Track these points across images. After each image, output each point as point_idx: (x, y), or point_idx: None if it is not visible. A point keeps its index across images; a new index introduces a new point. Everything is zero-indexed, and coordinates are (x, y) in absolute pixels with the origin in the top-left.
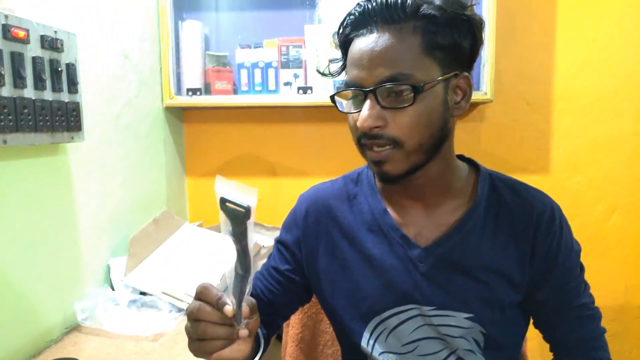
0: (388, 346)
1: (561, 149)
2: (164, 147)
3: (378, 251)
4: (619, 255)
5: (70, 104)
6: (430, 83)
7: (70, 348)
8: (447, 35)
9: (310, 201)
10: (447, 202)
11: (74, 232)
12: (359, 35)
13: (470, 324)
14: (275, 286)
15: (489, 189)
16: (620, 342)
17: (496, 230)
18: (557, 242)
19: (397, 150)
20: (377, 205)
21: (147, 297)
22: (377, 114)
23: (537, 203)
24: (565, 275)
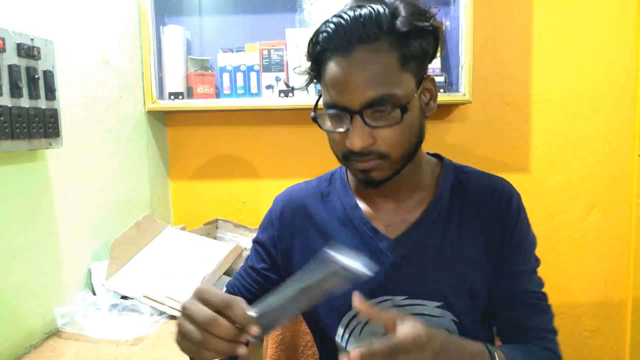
0: (362, 340)
1: (540, 148)
2: (147, 151)
3: (350, 245)
4: (598, 252)
5: (47, 111)
6: (413, 99)
7: (50, 353)
8: (418, 46)
9: (285, 201)
10: (415, 195)
11: (54, 237)
12: (336, 54)
13: (442, 312)
14: (253, 285)
15: (453, 180)
16: (602, 338)
17: (462, 218)
18: (512, 225)
19: (383, 161)
20: (349, 201)
21: (128, 301)
22: (367, 133)
23: (497, 187)
24: (517, 260)
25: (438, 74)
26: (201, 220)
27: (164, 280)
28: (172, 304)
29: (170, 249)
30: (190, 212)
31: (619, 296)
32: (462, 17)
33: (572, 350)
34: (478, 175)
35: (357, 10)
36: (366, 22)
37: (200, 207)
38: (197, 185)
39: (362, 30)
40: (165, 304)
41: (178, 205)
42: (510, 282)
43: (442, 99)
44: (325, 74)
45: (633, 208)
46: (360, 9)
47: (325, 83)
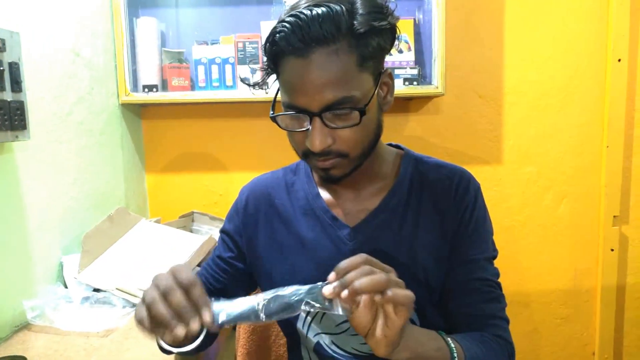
0: (323, 327)
1: (512, 140)
2: (121, 143)
3: (312, 233)
4: (568, 242)
5: (13, 103)
6: (371, 99)
7: (19, 346)
8: (376, 44)
9: (250, 191)
10: (375, 185)
11: (23, 230)
12: (293, 55)
13: None
14: (221, 274)
15: (412, 170)
16: (573, 324)
17: (420, 207)
18: (469, 213)
19: (343, 159)
20: (311, 190)
21: (100, 293)
22: (326, 134)
23: (455, 176)
24: (472, 248)
25: (412, 67)
26: (178, 212)
27: (137, 273)
28: None
29: (143, 241)
30: (167, 204)
31: (588, 284)
32: (435, 11)
33: (543, 337)
34: (437, 164)
35: (314, 9)
36: (324, 22)
37: (176, 199)
38: (174, 178)
39: (319, 30)
40: (137, 296)
41: (154, 198)
42: (465, 269)
43: (416, 91)
44: (282, 74)
45: (602, 198)
46: (317, 8)
47: (283, 83)
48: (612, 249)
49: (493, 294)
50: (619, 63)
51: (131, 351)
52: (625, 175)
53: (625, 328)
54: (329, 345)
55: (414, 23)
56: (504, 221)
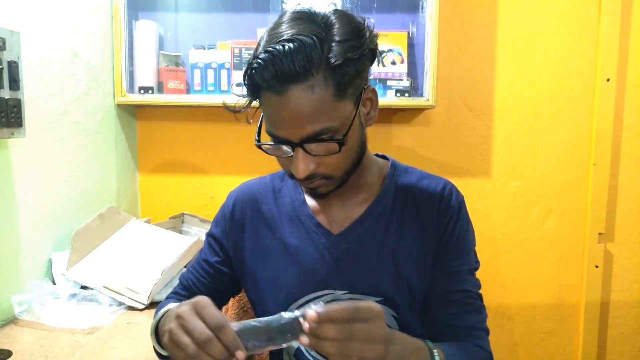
0: None
1: (501, 154)
2: (115, 144)
3: (296, 239)
4: (554, 257)
5: (11, 101)
6: (351, 127)
7: (5, 340)
8: (353, 72)
9: (237, 196)
10: (360, 194)
11: (13, 226)
12: (270, 91)
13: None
14: (206, 278)
15: (397, 180)
16: (556, 339)
17: (403, 216)
18: (452, 225)
19: (327, 180)
20: (297, 197)
21: (87, 291)
22: (309, 161)
23: (438, 188)
24: (454, 260)
25: (404, 79)
26: (168, 213)
27: (124, 272)
28: (131, 295)
29: (132, 241)
30: (158, 205)
31: (573, 299)
32: (428, 25)
33: (526, 351)
34: (422, 176)
35: (286, 45)
36: (296, 57)
37: (168, 200)
38: (166, 179)
39: (292, 67)
40: (124, 294)
41: (146, 198)
42: (447, 281)
43: (407, 103)
44: (262, 106)
45: (587, 215)
46: (290, 43)
47: (264, 113)
48: (597, 266)
49: (474, 305)
50: (607, 82)
51: (115, 349)
52: (612, 192)
53: (608, 345)
54: (309, 351)
55: (408, 36)
56: (490, 234)
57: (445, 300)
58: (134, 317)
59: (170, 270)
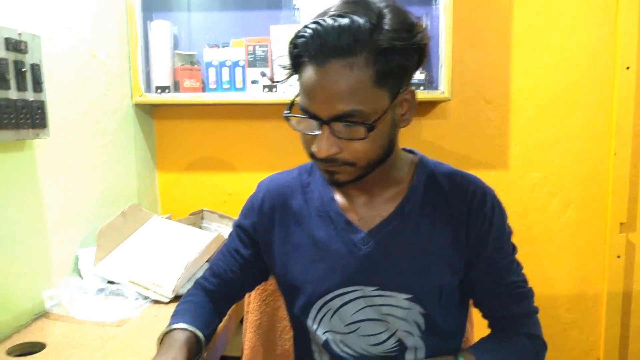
0: (332, 326)
1: (518, 145)
2: (134, 143)
3: (325, 236)
4: (574, 247)
5: (35, 103)
6: (382, 116)
7: (38, 333)
8: (397, 63)
9: (267, 189)
10: (389, 190)
11: (42, 224)
12: (311, 62)
13: (410, 305)
14: (236, 267)
15: (426, 176)
16: (578, 330)
17: (434, 214)
18: (488, 223)
19: (348, 167)
20: (326, 193)
21: (114, 285)
22: (333, 143)
23: (471, 187)
24: (495, 255)
25: (419, 72)
26: (187, 210)
27: (149, 267)
28: (156, 289)
29: (155, 237)
30: (178, 202)
31: (594, 290)
32: (442, 17)
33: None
34: (451, 172)
35: (337, 20)
36: (343, 34)
37: (187, 198)
38: (184, 177)
39: (337, 42)
40: (149, 289)
41: (165, 196)
42: (493, 277)
43: (422, 96)
44: (300, 77)
45: (609, 205)
46: (341, 18)
47: (300, 85)
48: (619, 256)
49: (521, 293)
50: (627, 70)
51: (144, 341)
52: (633, 182)
53: (630, 334)
54: (338, 343)
55: None
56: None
57: (494, 295)
58: (159, 310)
59: (193, 264)
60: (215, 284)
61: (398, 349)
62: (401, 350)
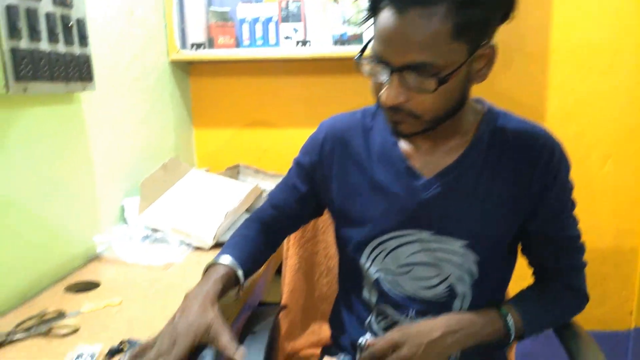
0: (385, 266)
1: (557, 99)
2: (171, 100)
3: (385, 179)
4: (611, 201)
5: (81, 56)
6: (456, 71)
7: (92, 274)
8: (479, 15)
9: (329, 130)
10: (454, 139)
11: (91, 174)
12: (390, 7)
13: (465, 252)
14: (293, 202)
15: (493, 127)
16: (612, 283)
17: (497, 164)
18: (553, 177)
19: (413, 119)
20: (389, 138)
21: (158, 233)
22: (400, 93)
23: (540, 140)
24: (556, 209)
25: None
26: (223, 167)
27: (190, 216)
28: (197, 237)
29: (195, 188)
30: (213, 159)
31: (630, 244)
32: None
33: None
34: (520, 123)
35: None
36: None
37: (222, 154)
38: (220, 133)
39: None
40: (191, 236)
41: (201, 152)
42: (550, 230)
43: None
44: (377, 22)
45: None
46: None
47: (375, 30)
48: None
49: (575, 247)
50: None
51: (189, 282)
52: None
53: None
54: (389, 283)
55: None
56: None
57: (547, 248)
58: (201, 256)
59: (233, 213)
60: (272, 215)
61: (448, 295)
62: (450, 297)
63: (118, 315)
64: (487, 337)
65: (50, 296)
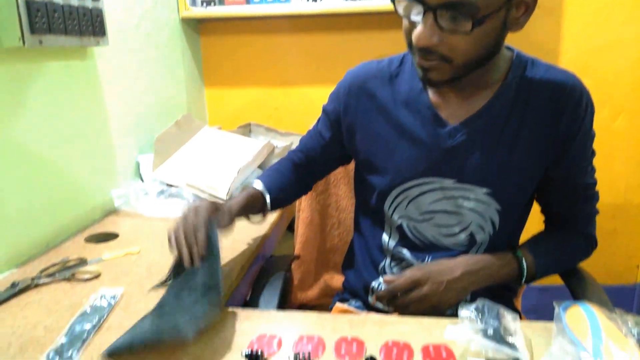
0: (407, 213)
1: (571, 52)
2: (182, 58)
3: (410, 127)
4: (622, 156)
5: (94, 10)
6: (494, 13)
7: (110, 226)
8: None
9: (354, 78)
10: (482, 86)
11: (106, 129)
12: None
13: (487, 200)
14: (317, 146)
15: (521, 74)
16: (619, 238)
17: (524, 112)
18: (579, 124)
19: (445, 64)
20: (415, 85)
21: (173, 188)
22: (433, 33)
23: (568, 87)
24: (578, 156)
25: None
26: (234, 125)
27: (204, 171)
28: (211, 192)
29: (208, 145)
30: (225, 118)
31: (639, 199)
32: None
33: None
34: (548, 70)
35: None
36: None
37: (233, 113)
38: (231, 92)
39: None
40: (205, 191)
41: (213, 111)
42: (569, 177)
43: None
44: None
45: None
46: None
47: None
48: None
49: (591, 195)
50: None
51: None
52: None
53: None
54: (411, 229)
55: None
56: None
57: (565, 194)
58: None
59: (245, 169)
60: (301, 158)
61: (468, 243)
62: (470, 245)
63: (138, 262)
64: (502, 278)
65: (72, 246)
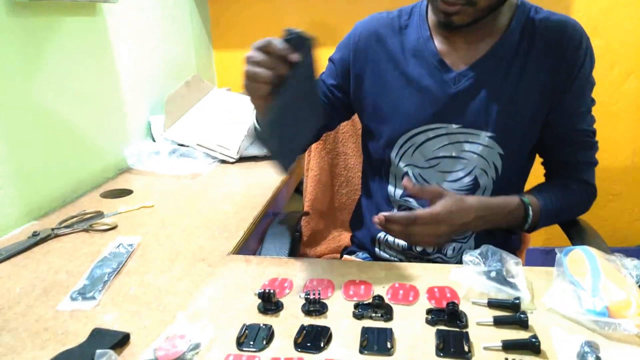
0: (413, 160)
1: (581, 11)
2: (191, 20)
3: (417, 74)
4: (631, 119)
5: None
6: None
7: (123, 183)
8: None
9: (364, 27)
10: (487, 33)
11: (117, 88)
12: None
13: (491, 143)
14: (322, 98)
15: (524, 20)
16: (625, 201)
17: (527, 58)
18: (578, 68)
19: (468, 7)
20: (423, 33)
21: (184, 148)
22: None
23: (568, 31)
24: (576, 101)
25: None
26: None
27: (214, 131)
28: (222, 151)
29: (217, 105)
30: (233, 80)
31: None
32: None
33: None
34: (550, 16)
35: None
36: None
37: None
38: (239, 54)
39: None
40: (215, 150)
41: (221, 74)
42: (568, 121)
43: None
44: None
45: None
46: None
47: None
48: None
49: (589, 142)
50: None
51: (215, 188)
52: None
53: None
54: (417, 177)
55: None
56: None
57: (564, 140)
58: (226, 168)
59: None
60: None
61: (472, 187)
62: (474, 188)
63: (152, 215)
64: (507, 223)
65: (88, 201)
